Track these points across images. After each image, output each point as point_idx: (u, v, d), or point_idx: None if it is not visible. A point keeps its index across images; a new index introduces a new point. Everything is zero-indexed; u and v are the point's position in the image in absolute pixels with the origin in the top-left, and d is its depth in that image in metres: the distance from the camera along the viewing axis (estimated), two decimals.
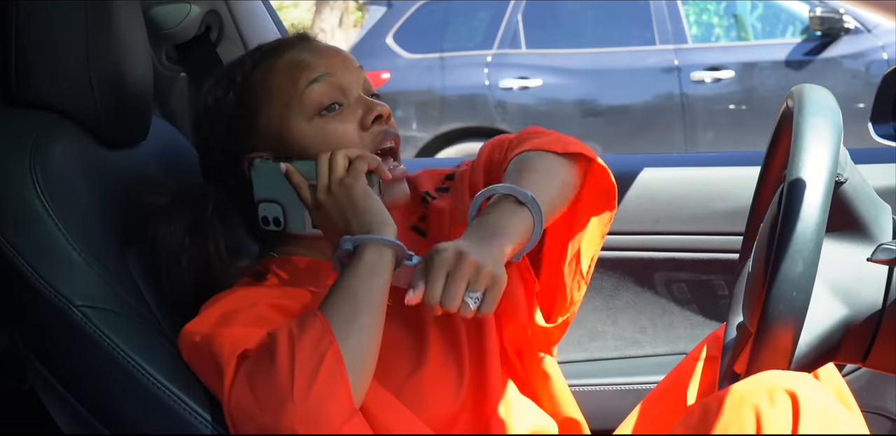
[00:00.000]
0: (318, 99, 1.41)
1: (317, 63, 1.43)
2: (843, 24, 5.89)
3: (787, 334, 1.14)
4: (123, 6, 1.44)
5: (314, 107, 1.41)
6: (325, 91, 1.42)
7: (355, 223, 1.32)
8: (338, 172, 1.34)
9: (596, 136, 6.11)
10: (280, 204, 1.41)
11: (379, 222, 1.31)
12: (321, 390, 1.17)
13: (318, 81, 1.41)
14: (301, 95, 1.41)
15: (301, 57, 1.44)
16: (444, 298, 1.24)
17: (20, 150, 1.35)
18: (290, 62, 1.44)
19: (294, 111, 1.42)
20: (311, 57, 1.44)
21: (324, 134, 1.41)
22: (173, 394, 1.28)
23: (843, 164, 1.23)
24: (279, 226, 1.42)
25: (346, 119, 1.42)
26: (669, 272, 1.98)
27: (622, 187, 1.97)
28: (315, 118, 1.41)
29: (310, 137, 1.41)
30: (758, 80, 6.06)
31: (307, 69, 1.42)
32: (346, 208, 1.33)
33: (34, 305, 1.32)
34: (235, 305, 1.32)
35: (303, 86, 1.41)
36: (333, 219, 1.34)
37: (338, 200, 1.33)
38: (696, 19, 6.27)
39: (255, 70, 1.45)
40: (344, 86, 1.43)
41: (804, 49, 6.00)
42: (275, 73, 1.44)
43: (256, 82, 1.44)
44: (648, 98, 6.13)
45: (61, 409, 1.34)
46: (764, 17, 6.33)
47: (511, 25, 6.31)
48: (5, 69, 1.41)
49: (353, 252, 1.29)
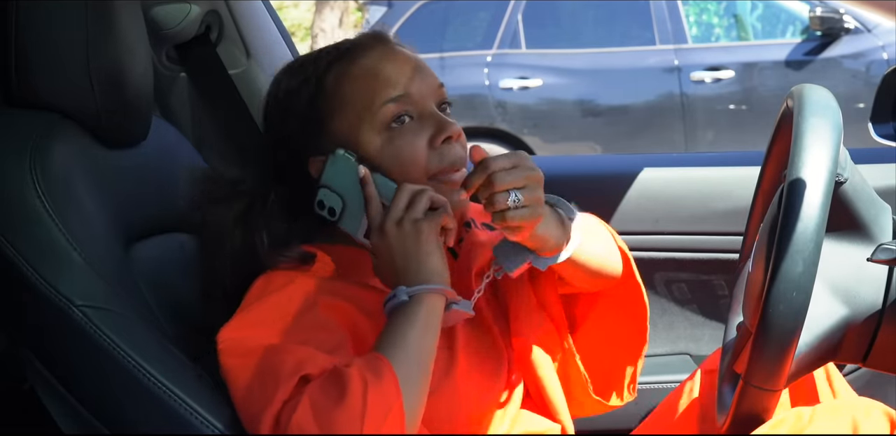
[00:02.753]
0: (392, 114, 1.40)
1: (395, 79, 1.41)
2: (843, 24, 5.89)
3: (787, 334, 1.14)
4: (123, 6, 1.44)
5: (387, 122, 1.40)
6: (399, 109, 1.40)
7: (412, 269, 1.31)
8: (416, 211, 1.33)
9: (596, 136, 6.12)
10: (343, 200, 1.40)
11: (438, 276, 1.31)
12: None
13: (394, 102, 1.40)
14: (376, 111, 1.40)
15: (379, 69, 1.42)
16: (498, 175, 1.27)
17: (20, 150, 1.35)
18: (367, 72, 1.42)
19: (366, 123, 1.40)
20: (390, 70, 1.42)
21: (393, 146, 1.40)
22: (174, 394, 1.28)
23: (843, 164, 1.23)
24: (332, 216, 1.40)
25: (417, 135, 1.40)
26: (669, 272, 1.98)
27: (622, 187, 1.97)
28: (385, 131, 1.40)
29: (379, 147, 1.40)
30: (758, 80, 6.06)
31: (385, 86, 1.40)
32: (409, 251, 1.32)
33: (34, 305, 1.31)
34: (293, 306, 1.31)
35: (378, 103, 1.40)
36: (393, 254, 1.33)
37: (404, 238, 1.32)
38: (696, 19, 6.28)
39: (330, 73, 1.43)
40: (417, 101, 1.41)
41: (804, 49, 6.00)
42: (350, 80, 1.42)
43: (330, 87, 1.42)
44: (648, 98, 6.14)
45: (61, 409, 1.34)
46: (764, 17, 6.33)
47: (511, 25, 6.31)
48: (5, 69, 1.41)
49: (408, 302, 1.29)
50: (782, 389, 1.21)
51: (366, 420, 1.16)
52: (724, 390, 1.39)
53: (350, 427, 1.16)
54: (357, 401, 1.17)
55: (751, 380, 1.19)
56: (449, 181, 1.40)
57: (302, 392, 1.19)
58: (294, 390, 1.20)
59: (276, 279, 1.36)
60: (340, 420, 1.16)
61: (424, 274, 1.30)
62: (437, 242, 1.33)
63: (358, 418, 1.16)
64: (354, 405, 1.17)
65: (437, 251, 1.32)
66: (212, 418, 1.28)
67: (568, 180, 2.04)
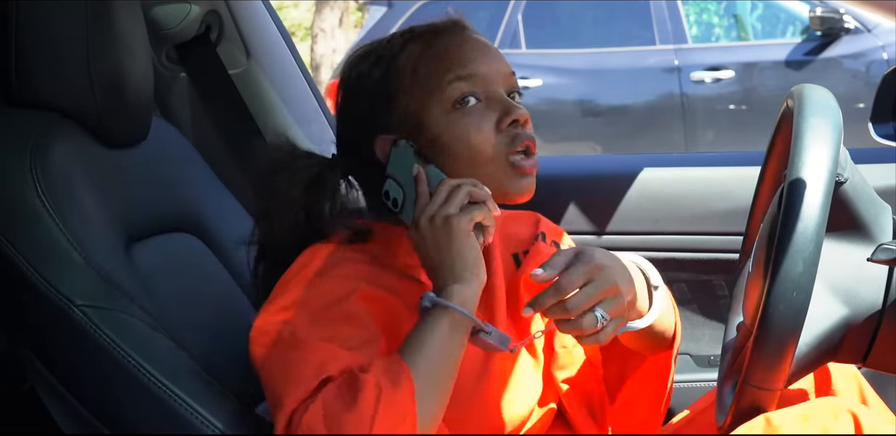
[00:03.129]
0: (459, 93, 1.39)
1: (466, 59, 1.41)
2: (843, 24, 5.89)
3: (788, 334, 1.14)
4: (123, 6, 1.44)
5: (454, 100, 1.39)
6: (466, 87, 1.39)
7: (447, 266, 1.30)
8: (451, 206, 1.32)
9: (596, 136, 6.11)
10: (403, 191, 1.39)
11: (470, 273, 1.30)
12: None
13: (463, 80, 1.39)
14: (444, 88, 1.39)
15: (451, 49, 1.42)
16: (573, 300, 1.24)
17: (20, 150, 1.35)
18: (440, 52, 1.41)
19: (434, 101, 1.40)
20: (462, 51, 1.42)
21: (459, 127, 1.39)
22: (174, 394, 1.28)
23: (843, 164, 1.23)
24: (395, 207, 1.40)
25: (484, 116, 1.39)
26: (669, 272, 1.98)
27: (622, 187, 1.97)
28: (452, 111, 1.39)
29: (445, 127, 1.39)
30: (758, 80, 6.06)
31: (456, 65, 1.40)
32: (442, 247, 1.31)
33: (35, 305, 1.32)
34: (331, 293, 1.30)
35: (447, 81, 1.39)
36: (427, 249, 1.32)
37: (436, 234, 1.31)
38: (696, 19, 6.27)
39: (404, 52, 1.42)
40: (487, 83, 1.41)
41: (804, 49, 6.00)
42: (424, 60, 1.41)
43: (403, 65, 1.42)
44: (648, 98, 6.13)
45: (62, 409, 1.34)
46: (764, 17, 6.33)
47: (511, 25, 6.31)
48: (5, 69, 1.41)
49: (432, 309, 1.28)
50: (782, 389, 1.21)
51: (375, 427, 1.16)
52: (723, 390, 1.39)
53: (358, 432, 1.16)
54: (368, 408, 1.17)
55: (751, 380, 1.19)
56: (516, 165, 1.39)
57: (317, 394, 1.19)
58: (312, 392, 1.20)
59: (322, 253, 1.35)
60: (349, 425, 1.16)
61: (458, 271, 1.29)
62: (471, 238, 1.31)
63: (367, 425, 1.16)
64: (365, 412, 1.17)
65: (470, 248, 1.31)
66: (212, 418, 1.28)
67: (568, 180, 2.04)
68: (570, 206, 1.97)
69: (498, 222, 1.46)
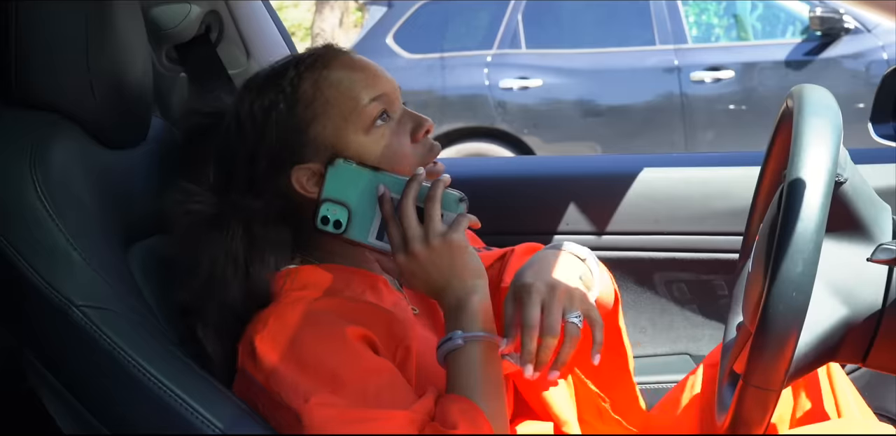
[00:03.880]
0: (376, 112, 1.42)
1: (372, 80, 1.43)
2: (843, 24, 5.89)
3: (787, 334, 1.14)
4: (123, 6, 1.44)
5: (371, 120, 1.41)
6: (380, 107, 1.42)
7: (455, 282, 1.32)
8: (437, 225, 1.33)
9: (596, 136, 6.12)
10: (348, 209, 1.39)
11: (480, 279, 1.33)
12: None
13: (376, 100, 1.42)
14: (361, 111, 1.41)
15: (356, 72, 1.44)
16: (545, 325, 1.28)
17: (20, 150, 1.35)
18: (346, 76, 1.43)
19: (351, 124, 1.41)
20: (366, 73, 1.44)
21: (381, 145, 1.41)
22: (174, 394, 1.28)
23: (843, 164, 1.23)
24: (338, 229, 1.39)
25: (399, 132, 1.43)
26: (669, 272, 1.98)
27: (622, 187, 1.97)
28: (371, 131, 1.41)
29: (367, 147, 1.40)
30: (758, 80, 6.06)
31: (366, 86, 1.42)
32: (446, 267, 1.32)
33: (34, 305, 1.31)
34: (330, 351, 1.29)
35: (364, 102, 1.41)
36: (428, 273, 1.33)
37: (438, 256, 1.32)
38: (696, 19, 6.27)
39: (305, 81, 1.43)
40: (391, 100, 1.44)
41: (804, 49, 6.00)
42: (331, 85, 1.42)
43: (309, 94, 1.42)
44: (648, 98, 6.13)
45: (62, 409, 1.34)
46: (764, 17, 6.33)
47: (511, 25, 6.31)
48: (5, 69, 1.41)
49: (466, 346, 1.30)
50: (782, 389, 1.21)
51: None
52: (723, 390, 1.39)
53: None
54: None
55: (750, 380, 1.19)
56: (433, 172, 1.42)
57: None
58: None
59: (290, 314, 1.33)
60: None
61: (469, 282, 1.32)
62: (470, 248, 1.34)
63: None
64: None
65: (472, 257, 1.34)
66: (213, 418, 1.27)
67: (568, 180, 2.04)
68: (570, 206, 1.97)
69: None
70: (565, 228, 1.97)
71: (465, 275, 1.32)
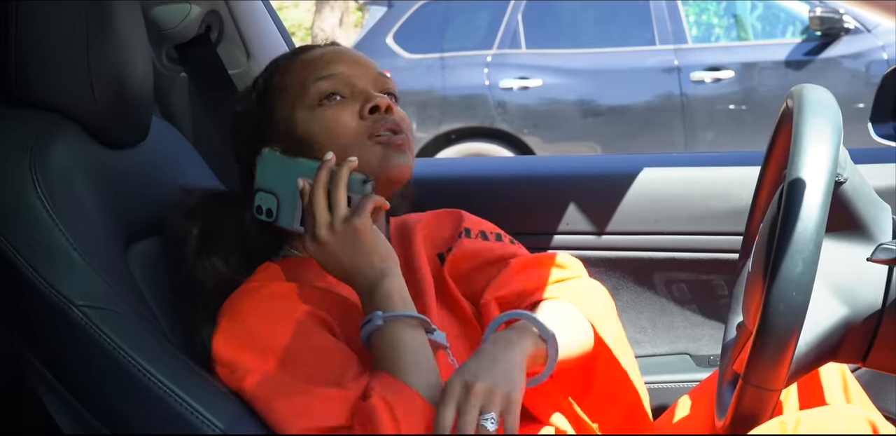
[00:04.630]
0: (321, 90, 1.46)
1: (326, 62, 1.49)
2: (843, 24, 5.89)
3: (788, 334, 1.14)
4: (123, 6, 1.44)
5: (316, 97, 1.46)
6: (328, 85, 1.46)
7: (363, 266, 1.34)
8: (342, 210, 1.35)
9: (596, 136, 6.12)
10: (276, 196, 1.42)
11: (390, 261, 1.35)
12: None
13: (324, 79, 1.46)
14: (308, 89, 1.46)
15: (313, 57, 1.50)
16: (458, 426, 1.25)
17: (20, 150, 1.35)
18: (302, 62, 1.50)
19: (299, 102, 1.46)
20: (322, 57, 1.50)
21: (323, 120, 1.45)
22: (174, 393, 1.28)
23: (843, 164, 1.23)
24: (270, 217, 1.43)
25: (345, 108, 1.45)
26: (669, 272, 1.98)
27: (622, 187, 1.97)
28: (316, 108, 1.45)
29: (310, 123, 1.45)
30: (758, 80, 6.06)
31: (317, 68, 1.48)
32: (353, 252, 1.35)
33: (34, 305, 1.31)
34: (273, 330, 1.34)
35: (310, 82, 1.47)
36: (338, 259, 1.35)
37: (344, 240, 1.35)
38: (696, 19, 6.27)
39: (275, 74, 1.51)
40: (350, 81, 1.47)
41: (804, 49, 6.00)
42: (290, 72, 1.50)
43: (274, 83, 1.50)
44: (648, 98, 6.13)
45: (62, 409, 1.34)
46: (764, 17, 6.33)
47: (511, 25, 6.31)
48: (5, 69, 1.41)
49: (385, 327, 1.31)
50: (782, 389, 1.20)
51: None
52: (723, 390, 1.39)
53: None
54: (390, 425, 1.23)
55: (750, 380, 1.19)
56: (382, 142, 1.43)
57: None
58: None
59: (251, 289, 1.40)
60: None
61: (378, 266, 1.34)
62: (375, 231, 1.36)
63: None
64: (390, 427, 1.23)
65: (379, 239, 1.36)
66: (213, 418, 1.28)
67: (568, 180, 2.04)
68: (570, 206, 1.97)
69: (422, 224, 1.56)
70: (565, 228, 1.97)
71: (374, 259, 1.34)
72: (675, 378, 1.94)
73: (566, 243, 1.96)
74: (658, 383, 1.94)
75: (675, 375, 1.94)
